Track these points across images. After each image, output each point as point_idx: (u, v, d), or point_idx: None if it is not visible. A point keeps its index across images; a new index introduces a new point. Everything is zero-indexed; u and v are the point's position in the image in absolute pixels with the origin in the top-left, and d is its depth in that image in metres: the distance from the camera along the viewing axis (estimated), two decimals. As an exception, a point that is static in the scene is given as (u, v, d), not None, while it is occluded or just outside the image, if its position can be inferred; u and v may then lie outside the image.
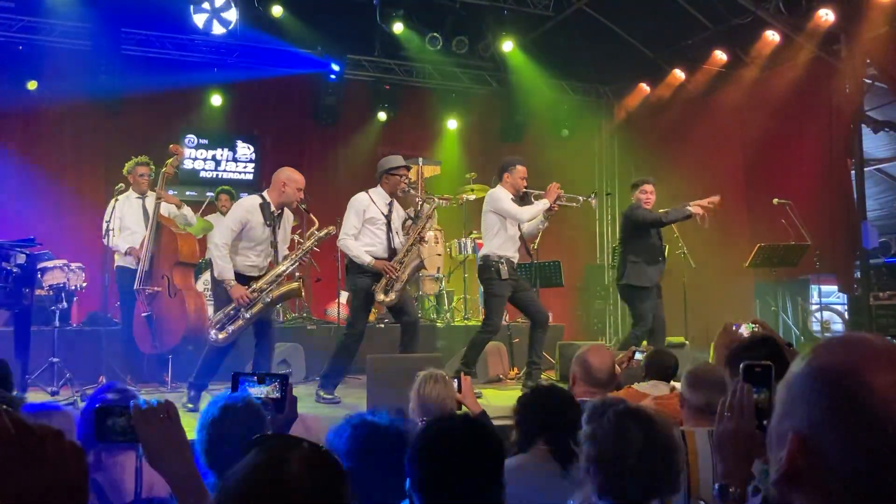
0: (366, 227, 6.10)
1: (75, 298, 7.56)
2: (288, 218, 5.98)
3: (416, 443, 1.87)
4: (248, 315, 5.54)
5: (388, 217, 6.17)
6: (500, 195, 6.49)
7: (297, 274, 5.97)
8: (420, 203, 9.07)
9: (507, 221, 6.45)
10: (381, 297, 5.98)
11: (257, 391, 2.26)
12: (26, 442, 0.85)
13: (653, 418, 1.97)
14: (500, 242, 6.45)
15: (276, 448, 1.23)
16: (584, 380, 3.42)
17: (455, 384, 3.45)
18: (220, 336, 5.58)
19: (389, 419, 2.22)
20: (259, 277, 5.70)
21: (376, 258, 6.01)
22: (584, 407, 2.28)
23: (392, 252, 6.13)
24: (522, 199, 6.56)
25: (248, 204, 5.75)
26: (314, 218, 5.98)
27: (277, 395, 2.21)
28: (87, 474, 0.89)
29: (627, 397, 3.53)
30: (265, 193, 5.80)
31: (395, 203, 6.32)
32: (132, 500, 1.95)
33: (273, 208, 5.71)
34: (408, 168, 6.41)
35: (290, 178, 5.75)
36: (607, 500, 1.92)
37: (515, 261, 6.58)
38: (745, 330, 3.29)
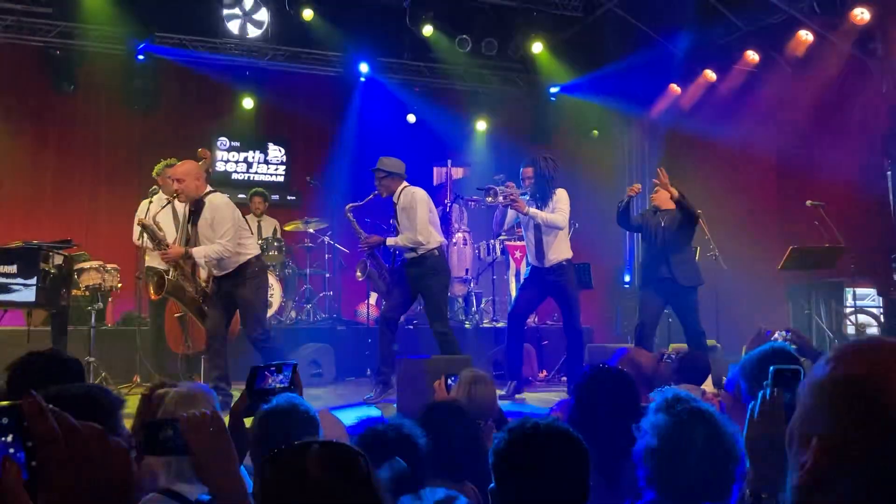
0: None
1: (110, 299, 7.69)
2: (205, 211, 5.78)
3: (500, 449, 1.89)
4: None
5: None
6: None
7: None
8: (449, 204, 9.12)
9: (523, 226, 6.66)
10: None
11: (274, 380, 2.34)
12: (72, 441, 0.87)
13: (720, 423, 1.97)
14: None
15: (289, 457, 1.23)
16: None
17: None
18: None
19: (391, 421, 2.27)
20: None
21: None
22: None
23: None
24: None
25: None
26: None
27: (287, 383, 2.32)
28: (132, 474, 0.91)
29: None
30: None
31: (401, 196, 6.37)
32: None
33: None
34: (378, 171, 6.43)
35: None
36: (652, 491, 1.92)
37: (535, 263, 6.54)
38: (778, 337, 3.26)
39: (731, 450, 1.92)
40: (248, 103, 10.25)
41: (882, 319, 8.25)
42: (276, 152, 10.69)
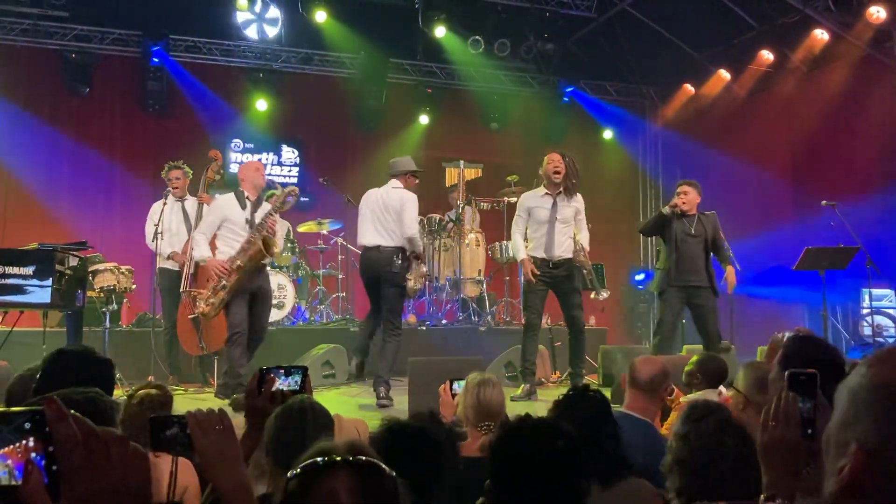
0: None
1: (125, 300, 7.74)
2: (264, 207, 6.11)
3: (495, 445, 1.89)
4: (226, 284, 5.80)
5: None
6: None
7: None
8: (462, 205, 9.11)
9: (530, 222, 6.51)
10: (410, 282, 6.39)
11: (282, 383, 2.32)
12: (92, 447, 0.88)
13: (748, 434, 1.96)
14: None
15: (319, 476, 1.20)
16: (630, 383, 3.39)
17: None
18: (203, 308, 5.91)
19: (421, 423, 2.25)
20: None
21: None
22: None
23: None
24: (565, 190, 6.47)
25: (223, 200, 6.17)
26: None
27: (297, 386, 2.28)
28: (150, 479, 0.92)
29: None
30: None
31: None
32: (162, 501, 1.95)
33: (247, 195, 6.06)
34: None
35: (245, 167, 6.35)
36: (682, 500, 1.92)
37: (542, 256, 6.45)
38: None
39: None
40: (261, 105, 10.29)
41: (899, 320, 8.18)
42: (289, 154, 10.72)
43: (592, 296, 6.68)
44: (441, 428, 2.42)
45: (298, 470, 1.23)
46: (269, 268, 6.53)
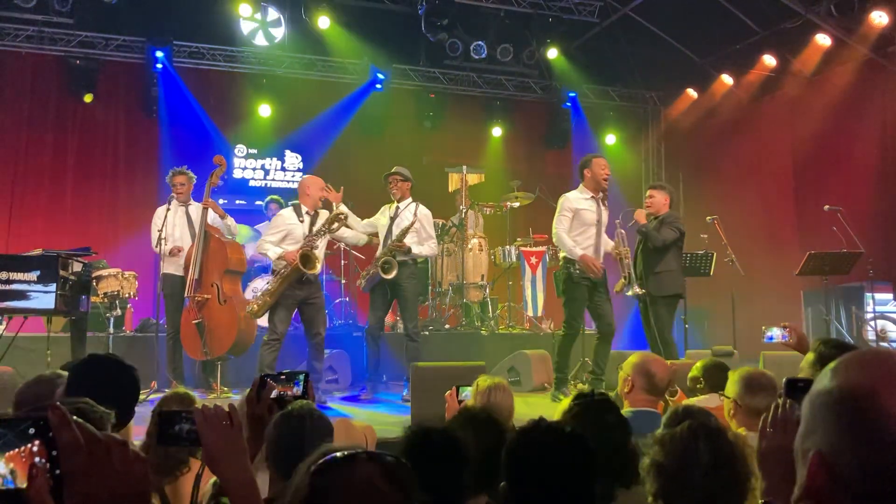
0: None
1: (128, 305, 7.76)
2: (324, 216, 6.57)
3: (511, 448, 1.91)
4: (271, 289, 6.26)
5: (391, 219, 6.77)
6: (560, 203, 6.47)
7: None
8: (464, 210, 9.12)
9: (574, 224, 6.32)
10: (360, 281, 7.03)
11: (285, 388, 2.32)
12: (94, 451, 0.89)
13: (727, 439, 1.96)
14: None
15: (344, 469, 1.20)
16: (646, 389, 3.40)
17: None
18: (254, 308, 6.36)
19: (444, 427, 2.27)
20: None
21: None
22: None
23: None
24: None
25: (286, 212, 6.65)
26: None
27: (299, 391, 2.28)
28: (150, 483, 0.94)
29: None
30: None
31: (408, 207, 6.78)
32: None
33: (307, 210, 6.50)
34: (396, 175, 6.90)
35: (311, 183, 6.62)
36: None
37: None
38: (777, 332, 3.25)
39: (739, 466, 1.92)
40: (265, 111, 10.32)
41: (903, 325, 8.17)
42: (292, 159, 10.75)
43: (624, 290, 6.65)
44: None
45: (319, 467, 1.21)
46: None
